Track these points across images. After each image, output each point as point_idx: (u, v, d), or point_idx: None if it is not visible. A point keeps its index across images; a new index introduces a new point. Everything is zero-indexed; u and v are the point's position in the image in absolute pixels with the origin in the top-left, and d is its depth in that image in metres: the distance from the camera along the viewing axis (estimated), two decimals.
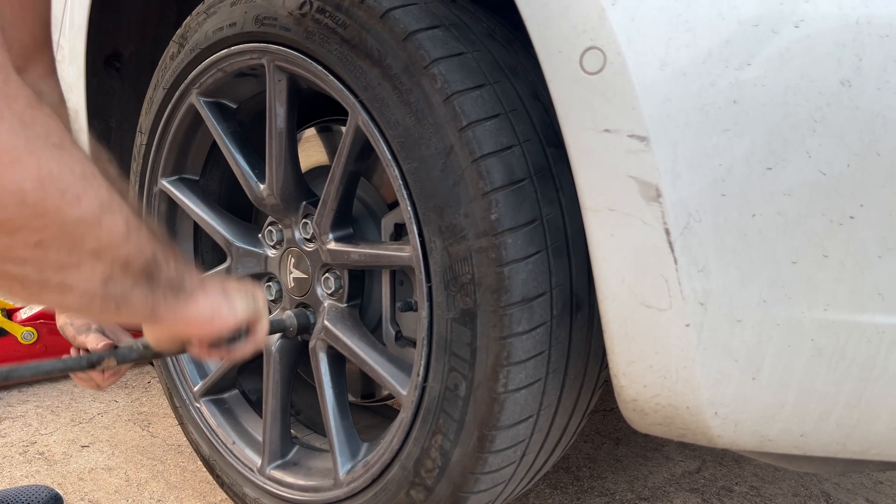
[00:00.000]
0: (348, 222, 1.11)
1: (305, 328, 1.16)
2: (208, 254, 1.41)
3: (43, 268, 0.52)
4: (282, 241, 1.21)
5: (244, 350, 0.83)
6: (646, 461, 1.54)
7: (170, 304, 0.66)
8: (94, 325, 0.98)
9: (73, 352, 0.98)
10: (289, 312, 1.17)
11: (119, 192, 0.57)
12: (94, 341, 0.95)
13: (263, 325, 0.83)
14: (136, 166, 1.35)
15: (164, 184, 1.31)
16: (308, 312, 1.17)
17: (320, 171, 1.28)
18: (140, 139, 1.33)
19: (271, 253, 1.23)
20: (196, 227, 1.37)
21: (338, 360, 1.15)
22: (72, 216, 0.51)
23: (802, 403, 0.76)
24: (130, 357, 0.87)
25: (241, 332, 0.80)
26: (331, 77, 0.96)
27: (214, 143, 1.27)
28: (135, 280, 0.60)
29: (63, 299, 0.55)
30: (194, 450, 1.37)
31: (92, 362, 0.84)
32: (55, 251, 0.51)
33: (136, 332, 0.86)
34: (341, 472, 1.09)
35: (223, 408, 1.35)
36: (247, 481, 1.24)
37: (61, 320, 0.99)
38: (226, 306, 0.75)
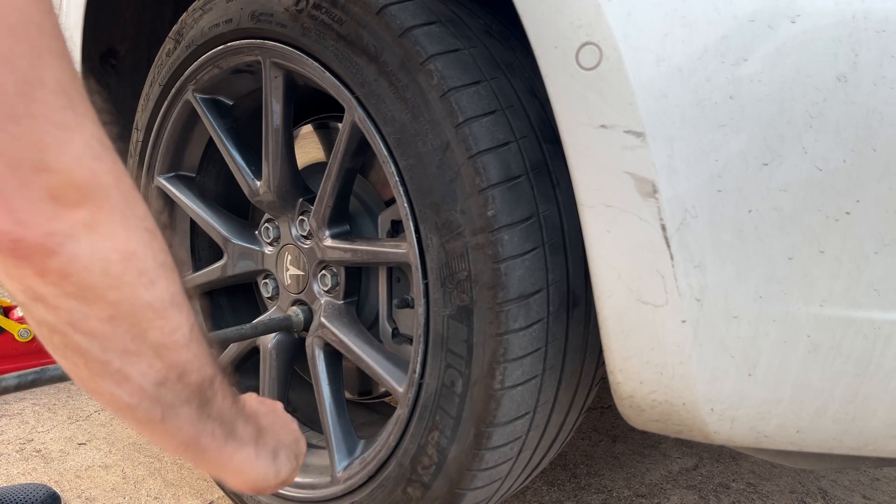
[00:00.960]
0: (345, 219, 1.11)
1: (309, 324, 1.16)
2: (205, 251, 1.41)
3: (108, 347, 0.54)
4: (278, 237, 1.21)
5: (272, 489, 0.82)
6: (643, 458, 1.54)
7: (217, 443, 0.64)
8: None
9: None
10: (295, 309, 1.17)
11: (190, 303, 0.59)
12: None
13: (296, 472, 0.81)
14: (132, 163, 1.35)
15: (161, 181, 1.31)
16: (310, 309, 1.17)
17: (317, 168, 1.28)
18: (136, 136, 1.32)
19: (268, 250, 1.23)
20: (193, 224, 1.37)
21: (334, 357, 1.15)
22: (143, 298, 0.53)
23: (798, 399, 0.76)
24: None
25: None
26: (327, 73, 0.96)
27: (211, 140, 1.27)
28: (187, 395, 0.59)
29: (116, 390, 0.56)
30: None
31: None
32: (123, 331, 0.53)
33: None
34: (338, 469, 1.09)
35: None
36: None
37: None
38: (272, 473, 0.71)
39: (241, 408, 0.66)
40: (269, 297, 1.26)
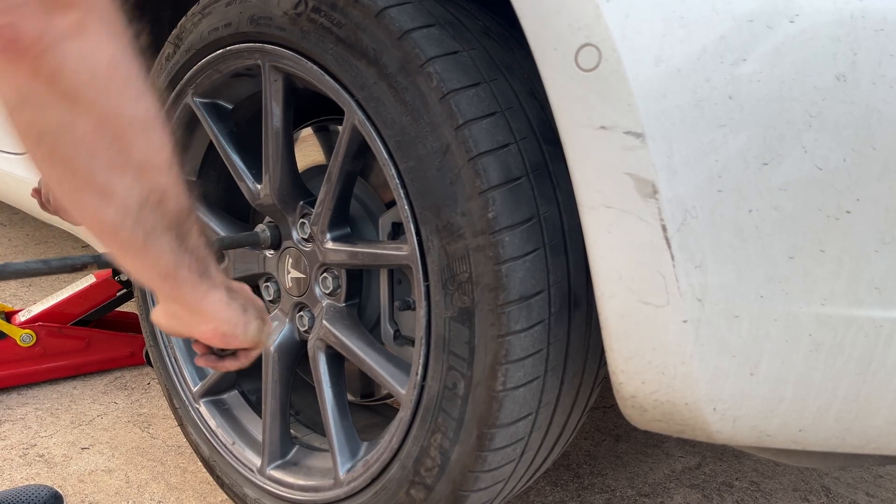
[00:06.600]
0: (346, 222, 1.11)
1: (277, 242, 1.17)
2: None
3: (93, 156, 0.55)
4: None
5: (231, 366, 0.84)
6: (646, 457, 1.54)
7: (193, 277, 0.66)
8: None
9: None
10: (261, 226, 1.17)
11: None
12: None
13: (256, 352, 0.84)
14: None
15: None
16: (277, 227, 1.18)
17: (317, 171, 1.28)
18: None
19: (269, 253, 1.23)
20: None
21: (337, 359, 1.15)
22: (128, 110, 0.55)
23: (801, 398, 0.76)
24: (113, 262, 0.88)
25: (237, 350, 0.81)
26: (326, 77, 0.96)
27: (211, 144, 1.27)
28: (167, 223, 0.61)
29: (101, 206, 0.58)
30: (194, 451, 1.37)
31: (76, 266, 0.86)
32: (108, 142, 0.55)
33: None
34: (341, 472, 1.09)
35: (223, 408, 1.35)
36: (247, 482, 1.24)
37: (45, 189, 1.01)
38: (241, 326, 0.74)
39: (212, 251, 0.68)
40: (270, 301, 1.26)
